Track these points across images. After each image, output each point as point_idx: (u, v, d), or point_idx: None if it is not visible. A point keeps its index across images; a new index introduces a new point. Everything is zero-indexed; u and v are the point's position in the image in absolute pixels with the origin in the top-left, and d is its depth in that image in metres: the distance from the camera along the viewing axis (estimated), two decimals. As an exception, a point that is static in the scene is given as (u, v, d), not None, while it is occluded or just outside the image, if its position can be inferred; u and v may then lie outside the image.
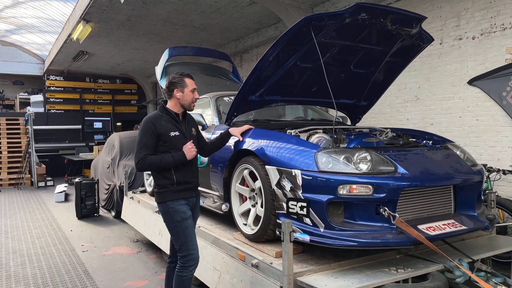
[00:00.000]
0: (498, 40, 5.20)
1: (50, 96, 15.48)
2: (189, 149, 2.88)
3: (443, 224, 2.79)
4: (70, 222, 7.23)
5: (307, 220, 2.67)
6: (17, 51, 16.80)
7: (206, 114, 4.30)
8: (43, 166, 12.67)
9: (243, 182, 3.35)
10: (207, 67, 6.57)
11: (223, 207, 3.53)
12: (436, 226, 2.74)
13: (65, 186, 10.29)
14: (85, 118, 15.96)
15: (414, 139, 3.48)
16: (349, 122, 4.68)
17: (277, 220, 2.87)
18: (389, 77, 4.07)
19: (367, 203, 2.60)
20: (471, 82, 5.49)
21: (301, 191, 2.69)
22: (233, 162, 3.44)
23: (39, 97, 15.56)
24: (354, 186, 2.57)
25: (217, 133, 3.78)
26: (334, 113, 5.19)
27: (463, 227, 2.79)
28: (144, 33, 9.90)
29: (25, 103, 16.16)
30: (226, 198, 3.54)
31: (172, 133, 2.90)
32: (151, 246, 5.25)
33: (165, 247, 4.43)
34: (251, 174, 3.18)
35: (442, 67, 5.90)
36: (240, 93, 3.53)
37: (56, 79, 15.67)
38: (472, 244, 3.21)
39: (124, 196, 6.25)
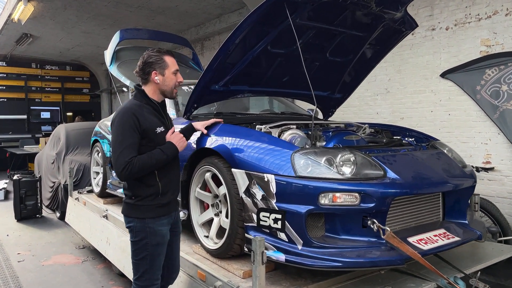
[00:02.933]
0: (473, 31, 4.98)
1: (-9, 83, 14.13)
2: (180, 138, 2.29)
3: (434, 235, 2.44)
4: (8, 225, 6.42)
5: (282, 236, 2.23)
6: (-47, 32, 15.16)
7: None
8: (-18, 160, 11.49)
9: (204, 187, 2.85)
10: (164, 53, 5.95)
11: (181, 214, 3.00)
12: (427, 238, 2.38)
13: (5, 183, 9.31)
14: (31, 108, 14.71)
15: (398, 137, 3.12)
16: (320, 116, 4.29)
17: (246, 234, 2.41)
18: (366, 67, 3.69)
19: (353, 215, 2.20)
20: (444, 75, 5.26)
21: (274, 200, 2.24)
22: (193, 162, 2.93)
23: (-22, 84, 14.15)
24: (338, 194, 2.15)
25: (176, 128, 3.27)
26: (304, 105, 4.81)
27: (456, 238, 2.46)
28: (95, 15, 9.05)
29: (-38, 90, 14.66)
30: (184, 204, 3.03)
31: (158, 129, 2.26)
32: (98, 254, 4.64)
33: (114, 258, 3.86)
34: (215, 177, 2.70)
35: (414, 59, 5.64)
36: (201, 82, 3.00)
37: (-3, 65, 14.30)
38: (459, 253, 2.90)
39: (69, 197, 5.56)
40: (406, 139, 3.13)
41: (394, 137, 3.13)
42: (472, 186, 2.67)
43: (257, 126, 2.84)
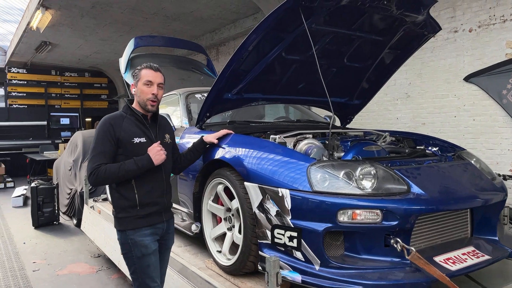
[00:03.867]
0: (498, 33, 4.76)
1: (12, 90, 14.38)
2: (157, 151, 2.18)
3: (463, 254, 2.27)
4: (25, 232, 6.45)
5: (298, 255, 2.09)
6: (-25, 41, 15.56)
7: (175, 114, 3.68)
8: (3, 166, 11.68)
9: (217, 200, 2.75)
10: (179, 59, 5.92)
11: (193, 227, 2.91)
12: (455, 257, 2.22)
13: (25, 189, 9.41)
14: (51, 114, 14.95)
15: (421, 147, 2.94)
16: (338, 123, 4.14)
17: (259, 252, 2.28)
18: (386, 72, 3.53)
19: (374, 233, 2.05)
20: (467, 78, 5.05)
21: (290, 217, 2.11)
22: (205, 173, 2.83)
23: (-1, 91, 14.45)
24: (358, 211, 2.01)
25: (186, 137, 3.18)
26: (320, 112, 4.66)
27: (486, 257, 2.28)
28: (112, 22, 9.11)
29: (-16, 98, 15.00)
30: (197, 217, 2.93)
31: (136, 140, 2.20)
32: (113, 263, 4.59)
33: (127, 270, 3.79)
34: (227, 190, 2.59)
35: (435, 62, 5.44)
36: (214, 90, 2.91)
37: (18, 72, 14.55)
38: (488, 271, 2.68)
39: (85, 205, 5.54)
40: (430, 148, 2.96)
41: (417, 147, 2.96)
42: (503, 201, 2.49)
43: (271, 136, 2.72)
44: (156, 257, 2.27)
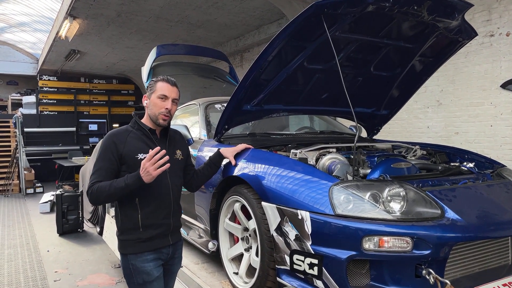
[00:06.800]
0: (539, 37, 4.44)
1: (43, 97, 14.76)
2: (144, 169, 1.88)
3: (504, 285, 2.03)
4: (50, 240, 6.51)
5: (319, 284, 1.92)
6: (10, 50, 16.13)
7: (194, 125, 3.57)
8: (32, 171, 11.96)
9: (234, 218, 2.61)
10: (201, 67, 5.85)
11: (210, 245, 2.79)
12: (495, 288, 1.99)
13: (52, 195, 9.56)
14: (80, 120, 15.24)
15: (455, 163, 2.71)
16: (364, 134, 3.94)
17: (277, 278, 2.13)
18: (416, 81, 3.32)
19: (404, 262, 1.85)
20: (505, 85, 4.73)
21: (310, 242, 1.95)
22: (222, 189, 2.70)
23: (31, 98, 14.86)
24: (385, 238, 1.82)
25: (204, 151, 3.06)
26: (346, 122, 4.46)
27: (532, 289, 2.04)
28: (137, 31, 9.19)
29: (17, 104, 15.48)
30: (214, 234, 2.80)
31: (141, 155, 2.02)
32: (133, 275, 4.51)
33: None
34: (244, 208, 2.44)
35: (469, 68, 5.13)
36: (233, 101, 2.78)
37: (49, 79, 14.95)
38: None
39: (106, 214, 5.52)
40: (465, 164, 2.72)
41: (452, 164, 2.73)
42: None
43: (291, 151, 2.56)
44: (160, 284, 2.09)
